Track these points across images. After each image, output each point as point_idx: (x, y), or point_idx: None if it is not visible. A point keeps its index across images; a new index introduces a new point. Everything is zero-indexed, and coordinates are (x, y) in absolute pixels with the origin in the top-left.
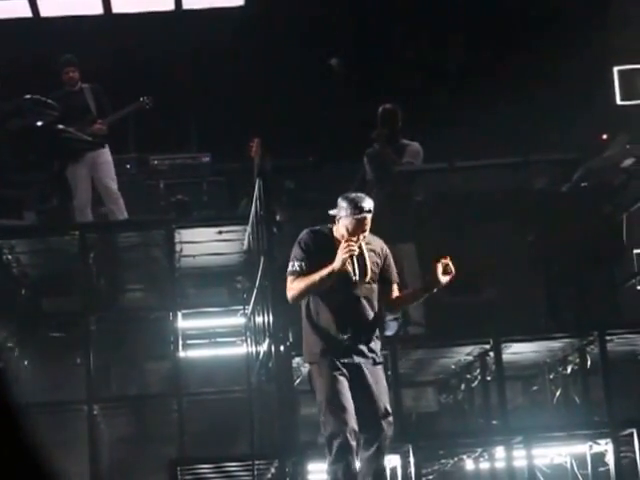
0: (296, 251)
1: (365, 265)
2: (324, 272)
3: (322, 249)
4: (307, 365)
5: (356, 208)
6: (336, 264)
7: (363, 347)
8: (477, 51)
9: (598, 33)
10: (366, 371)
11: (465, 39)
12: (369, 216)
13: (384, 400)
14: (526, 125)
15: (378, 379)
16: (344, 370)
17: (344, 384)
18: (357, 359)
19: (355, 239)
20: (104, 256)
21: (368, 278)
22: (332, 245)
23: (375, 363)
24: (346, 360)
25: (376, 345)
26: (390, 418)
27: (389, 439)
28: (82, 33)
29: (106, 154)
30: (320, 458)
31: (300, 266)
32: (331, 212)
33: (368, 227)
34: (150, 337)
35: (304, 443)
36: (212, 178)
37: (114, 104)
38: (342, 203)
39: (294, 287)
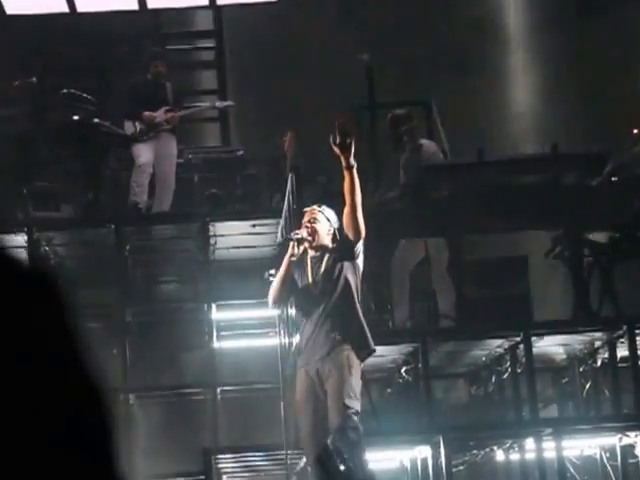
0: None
1: (308, 277)
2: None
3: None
4: None
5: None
6: None
7: (322, 354)
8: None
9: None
10: (322, 378)
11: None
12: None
13: (333, 408)
14: (557, 118)
15: (331, 385)
16: (306, 377)
17: (302, 393)
18: (317, 366)
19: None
20: (140, 248)
21: (316, 287)
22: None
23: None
24: (308, 368)
25: (336, 351)
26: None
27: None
28: (117, 28)
29: (172, 146)
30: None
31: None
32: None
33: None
34: (184, 328)
35: None
36: (246, 172)
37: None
38: None
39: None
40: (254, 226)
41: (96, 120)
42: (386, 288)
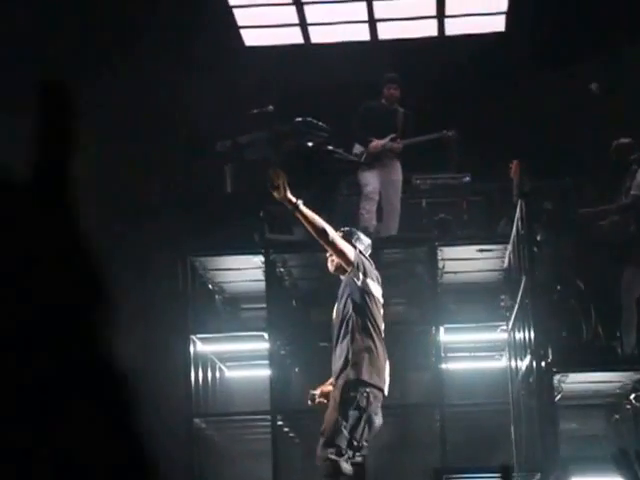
0: None
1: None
2: None
3: None
4: None
5: None
6: None
7: (333, 380)
8: None
9: None
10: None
11: None
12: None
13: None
14: None
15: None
16: None
17: None
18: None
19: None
20: None
21: (334, 312)
22: None
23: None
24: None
25: (337, 382)
26: (321, 440)
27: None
28: (350, 59)
29: (398, 172)
30: (582, 472)
31: None
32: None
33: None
34: (412, 349)
35: (566, 457)
36: (472, 198)
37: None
38: None
39: None
40: (481, 251)
41: (329, 147)
42: (614, 315)
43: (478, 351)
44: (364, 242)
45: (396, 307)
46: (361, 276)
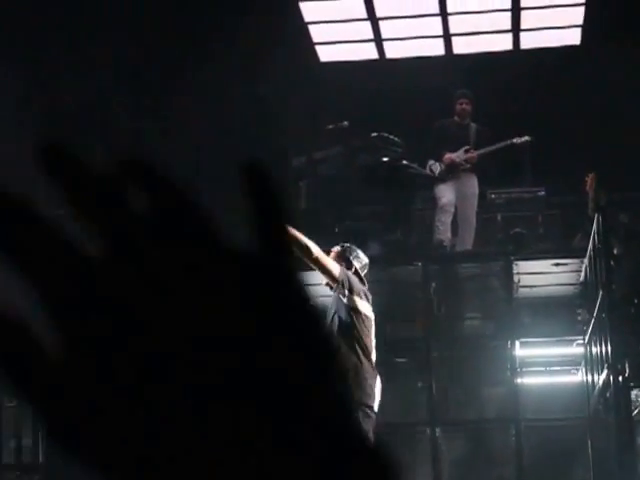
0: None
1: None
2: None
3: None
4: None
5: None
6: None
7: None
8: None
9: None
10: None
11: None
12: None
13: None
14: None
15: None
16: None
17: None
18: None
19: None
20: (445, 285)
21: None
22: None
23: None
24: None
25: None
26: None
27: None
28: (424, 74)
29: (474, 185)
30: None
31: None
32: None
33: None
34: (487, 363)
35: None
36: (547, 211)
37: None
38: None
39: None
40: (557, 265)
41: (404, 162)
42: None
43: (554, 365)
44: (362, 260)
45: (472, 321)
46: (347, 292)
